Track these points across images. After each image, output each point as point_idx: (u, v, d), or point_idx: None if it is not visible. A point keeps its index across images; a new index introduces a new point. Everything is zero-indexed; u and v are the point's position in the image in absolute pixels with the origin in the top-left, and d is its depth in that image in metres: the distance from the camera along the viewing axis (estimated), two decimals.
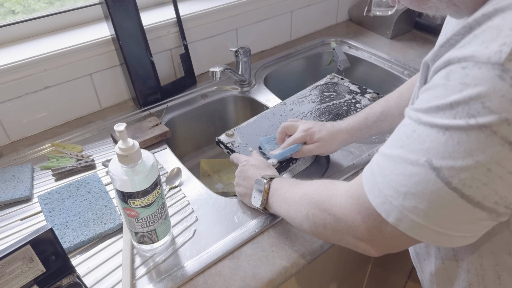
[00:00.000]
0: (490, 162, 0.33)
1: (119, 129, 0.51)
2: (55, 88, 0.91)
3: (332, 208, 0.48)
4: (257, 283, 0.60)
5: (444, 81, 0.35)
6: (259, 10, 1.15)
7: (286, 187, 0.61)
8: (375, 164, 0.43)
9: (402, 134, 0.40)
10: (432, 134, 0.36)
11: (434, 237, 0.39)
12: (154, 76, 0.98)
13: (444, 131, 0.35)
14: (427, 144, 0.36)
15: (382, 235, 0.42)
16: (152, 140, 0.88)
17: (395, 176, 0.39)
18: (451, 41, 0.36)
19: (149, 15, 1.01)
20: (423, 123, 0.37)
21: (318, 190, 0.53)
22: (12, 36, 0.91)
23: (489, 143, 0.33)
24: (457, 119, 0.34)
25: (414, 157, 0.37)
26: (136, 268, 0.62)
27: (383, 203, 0.40)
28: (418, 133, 0.37)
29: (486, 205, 0.35)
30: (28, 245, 0.51)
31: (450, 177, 0.35)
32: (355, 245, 0.47)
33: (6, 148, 0.88)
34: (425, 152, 0.36)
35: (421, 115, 0.37)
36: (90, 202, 0.72)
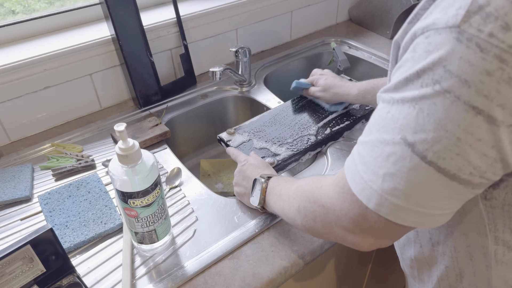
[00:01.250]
0: (458, 130, 0.33)
1: (119, 129, 0.51)
2: (55, 88, 0.91)
3: (321, 198, 0.48)
4: (257, 283, 0.60)
5: (411, 54, 0.36)
6: (259, 10, 1.15)
7: (282, 184, 0.61)
8: (356, 153, 0.42)
9: (377, 119, 0.40)
10: (404, 111, 0.36)
11: (416, 219, 0.39)
12: (154, 76, 0.99)
13: (415, 105, 0.35)
14: (400, 122, 0.36)
15: (367, 224, 0.42)
16: (152, 140, 0.88)
17: (374, 160, 0.39)
18: (417, 16, 0.37)
19: (149, 15, 1.01)
20: (395, 101, 0.37)
21: (309, 183, 0.53)
22: (12, 36, 0.91)
23: (455, 110, 0.33)
24: (424, 87, 0.34)
25: (389, 136, 0.37)
26: (136, 268, 0.62)
27: (364, 189, 0.40)
28: (392, 113, 0.37)
29: (462, 177, 0.35)
30: (28, 245, 0.51)
31: (425, 151, 0.35)
32: (343, 238, 0.47)
33: (6, 148, 0.88)
34: (399, 130, 0.36)
35: (393, 94, 0.38)
36: (90, 202, 0.72)
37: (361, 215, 0.42)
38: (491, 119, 0.32)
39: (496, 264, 0.44)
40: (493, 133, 0.33)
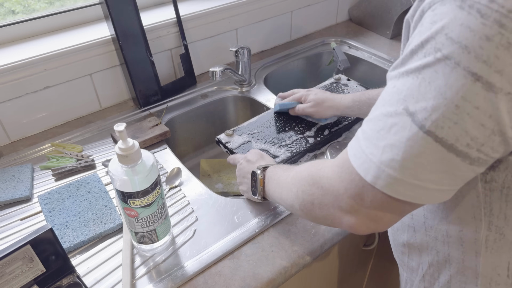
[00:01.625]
0: (457, 97, 0.33)
1: (119, 129, 0.51)
2: (55, 88, 0.91)
3: (320, 180, 0.48)
4: (257, 283, 0.60)
5: (419, 28, 0.37)
6: (259, 10, 1.15)
7: (280, 172, 0.61)
8: (360, 132, 0.43)
9: (383, 95, 0.40)
10: (408, 82, 0.37)
11: (411, 192, 0.38)
12: (154, 76, 0.99)
13: (417, 75, 0.36)
14: (404, 93, 0.37)
15: (364, 203, 0.42)
16: (152, 140, 0.88)
17: (376, 133, 0.39)
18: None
19: (149, 15, 1.01)
20: (401, 75, 0.38)
21: (308, 168, 0.53)
22: (12, 36, 0.91)
23: (454, 76, 0.33)
24: (427, 57, 0.35)
25: (393, 108, 0.38)
26: (136, 268, 0.62)
27: (363, 163, 0.40)
28: (397, 87, 0.38)
29: (459, 149, 0.35)
30: (28, 245, 0.51)
31: (424, 120, 0.35)
32: (340, 220, 0.46)
33: (6, 148, 0.88)
34: (403, 101, 0.37)
35: (399, 69, 0.38)
36: (90, 202, 0.72)
37: (358, 194, 0.42)
38: (489, 86, 0.32)
39: (485, 250, 0.44)
40: (491, 100, 0.33)
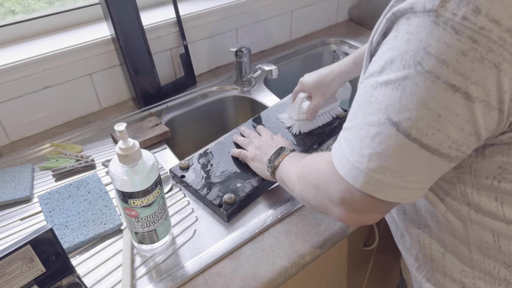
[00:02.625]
0: (439, 107, 0.36)
1: (120, 129, 0.51)
2: (55, 88, 0.91)
3: (316, 172, 0.51)
4: (257, 283, 0.60)
5: (394, 33, 0.38)
6: (259, 10, 1.15)
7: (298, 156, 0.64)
8: (342, 139, 0.45)
9: (360, 103, 0.42)
10: (387, 92, 0.38)
11: (400, 194, 0.41)
12: (154, 76, 0.98)
13: (398, 87, 0.37)
14: (384, 103, 0.38)
15: (353, 198, 0.44)
16: (152, 140, 0.88)
17: (360, 141, 0.41)
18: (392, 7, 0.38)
19: (149, 15, 1.01)
20: (379, 85, 0.39)
21: (312, 157, 0.56)
22: (12, 36, 0.91)
23: (435, 89, 0.35)
24: (406, 69, 0.36)
25: (374, 118, 0.39)
26: (136, 268, 0.62)
27: (350, 171, 0.42)
28: (376, 96, 0.39)
29: (442, 151, 0.38)
30: (28, 245, 0.51)
31: (409, 129, 0.37)
32: (331, 211, 0.49)
33: (6, 148, 0.88)
34: (384, 111, 0.39)
35: (376, 78, 0.40)
36: (90, 202, 0.72)
37: (348, 190, 0.44)
38: (467, 96, 0.35)
39: (471, 223, 0.48)
40: (469, 108, 0.35)
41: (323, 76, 0.82)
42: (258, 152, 0.74)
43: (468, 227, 0.48)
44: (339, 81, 0.82)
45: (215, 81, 1.10)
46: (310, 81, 0.82)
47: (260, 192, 0.74)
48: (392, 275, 1.10)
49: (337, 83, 0.82)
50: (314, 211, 0.71)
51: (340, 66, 0.81)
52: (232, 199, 0.70)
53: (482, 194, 0.45)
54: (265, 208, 0.72)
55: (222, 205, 0.69)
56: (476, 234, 0.48)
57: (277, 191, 0.75)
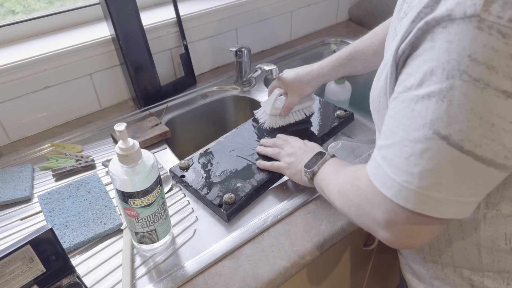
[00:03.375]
0: (491, 116, 0.34)
1: (120, 129, 0.51)
2: (55, 88, 0.91)
3: (357, 190, 0.49)
4: (257, 283, 0.60)
5: (430, 43, 0.36)
6: (259, 10, 1.15)
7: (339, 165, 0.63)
8: (379, 158, 0.43)
9: (399, 119, 0.40)
10: (431, 106, 0.36)
11: (455, 209, 0.39)
12: (154, 76, 0.99)
13: (443, 98, 0.35)
14: (429, 117, 0.36)
15: (399, 218, 0.42)
16: (152, 140, 0.88)
17: (405, 160, 0.39)
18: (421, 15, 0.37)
19: (149, 15, 1.01)
20: (420, 98, 0.37)
21: (353, 171, 0.54)
22: (12, 36, 0.91)
23: (486, 97, 0.33)
24: (450, 79, 0.34)
25: (420, 134, 0.37)
26: (136, 268, 0.62)
27: (399, 191, 0.40)
28: (418, 110, 0.37)
29: (498, 162, 0.36)
30: (28, 245, 0.51)
31: (461, 141, 0.36)
32: (375, 232, 0.47)
33: (6, 148, 0.88)
34: (430, 125, 0.37)
35: (415, 91, 0.38)
36: (90, 202, 0.72)
37: (393, 210, 0.42)
38: None
39: (484, 225, 0.46)
40: None
41: (301, 76, 0.81)
42: (293, 159, 0.72)
43: (480, 229, 0.47)
44: (316, 83, 0.81)
45: (215, 81, 1.10)
46: (288, 78, 0.82)
47: (260, 192, 0.74)
48: (392, 275, 1.10)
49: (314, 85, 0.81)
50: (314, 211, 0.71)
51: (319, 68, 0.80)
52: (232, 199, 0.70)
53: (505, 198, 0.43)
54: (265, 208, 0.72)
55: (222, 205, 0.69)
56: (488, 237, 0.47)
57: (277, 191, 0.75)
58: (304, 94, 0.83)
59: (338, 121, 0.89)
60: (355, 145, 0.85)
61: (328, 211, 0.71)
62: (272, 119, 0.86)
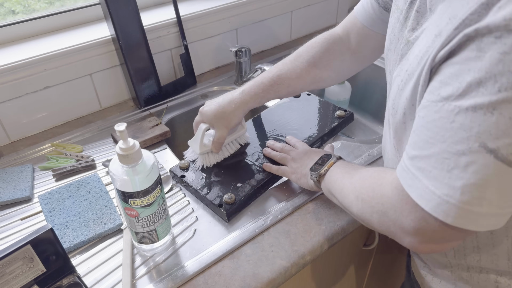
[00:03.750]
0: None
1: (120, 128, 0.51)
2: (55, 88, 0.91)
3: (381, 198, 0.47)
4: (257, 283, 0.60)
5: (476, 53, 0.34)
6: (259, 10, 1.15)
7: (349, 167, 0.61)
8: (415, 169, 0.41)
9: (436, 130, 0.38)
10: (478, 118, 0.35)
11: (494, 221, 0.38)
12: (154, 76, 0.99)
13: (492, 111, 0.34)
14: (475, 129, 0.35)
15: (429, 227, 0.41)
16: (152, 140, 0.88)
17: (447, 172, 0.37)
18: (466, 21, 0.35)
19: (149, 15, 1.01)
20: (463, 110, 0.35)
21: (372, 176, 0.52)
22: (12, 36, 0.91)
23: None
24: (503, 92, 0.33)
25: (464, 146, 0.36)
26: (136, 268, 0.62)
27: (439, 205, 0.39)
28: (460, 122, 0.36)
29: None
30: (28, 245, 0.51)
31: (510, 156, 0.34)
32: (400, 239, 0.46)
33: (6, 148, 0.88)
34: (476, 138, 0.35)
35: (456, 102, 0.36)
36: (90, 202, 0.72)
37: (423, 219, 0.41)
38: None
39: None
40: None
41: (223, 106, 0.74)
42: (298, 164, 0.71)
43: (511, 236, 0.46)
44: (241, 111, 0.75)
45: (215, 81, 1.10)
46: (210, 111, 0.74)
47: (260, 192, 0.74)
48: (392, 275, 1.10)
49: (239, 114, 0.75)
50: (314, 211, 0.71)
51: (241, 95, 0.74)
52: (232, 199, 0.70)
53: None
54: (265, 208, 0.72)
55: (222, 205, 0.69)
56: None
57: (277, 191, 0.75)
58: (231, 125, 0.75)
59: (338, 121, 0.89)
60: (355, 145, 0.85)
61: (328, 211, 0.71)
62: (205, 158, 0.78)
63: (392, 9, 0.55)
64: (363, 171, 0.56)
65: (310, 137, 0.85)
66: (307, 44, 0.76)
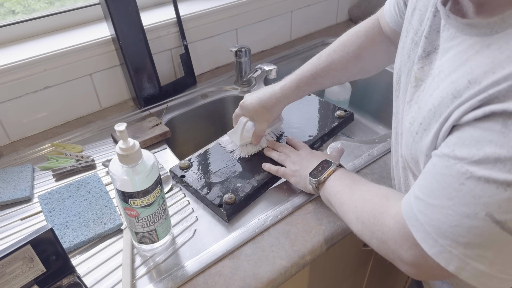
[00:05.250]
0: None
1: (120, 128, 0.51)
2: (55, 88, 0.91)
3: (382, 227, 0.48)
4: (257, 283, 0.60)
5: (501, 128, 0.34)
6: (259, 10, 1.15)
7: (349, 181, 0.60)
8: (418, 211, 0.41)
9: (442, 185, 0.38)
10: (489, 190, 0.34)
11: (498, 284, 0.38)
12: (154, 76, 0.99)
13: (506, 187, 0.33)
14: (484, 199, 0.35)
15: (427, 265, 0.41)
16: (152, 140, 0.88)
17: (450, 228, 0.38)
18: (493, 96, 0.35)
19: (149, 15, 1.01)
20: (475, 177, 0.35)
21: (373, 201, 0.52)
22: (12, 36, 0.91)
23: None
24: None
25: (469, 210, 0.36)
26: (136, 268, 0.62)
27: (441, 252, 0.39)
28: (470, 187, 0.36)
29: None
30: (28, 245, 0.51)
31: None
32: (398, 265, 0.46)
33: (6, 148, 0.88)
34: (483, 207, 0.35)
35: (469, 167, 0.36)
36: (90, 202, 0.72)
37: (422, 257, 0.41)
38: None
39: None
40: None
41: (265, 101, 0.75)
42: (298, 167, 0.71)
43: None
44: (282, 105, 0.76)
45: (215, 81, 1.10)
46: (252, 106, 0.75)
47: (260, 192, 0.74)
48: (392, 275, 1.10)
49: (280, 108, 0.76)
50: (314, 211, 0.71)
51: (282, 90, 0.74)
52: (232, 199, 0.70)
53: None
54: (265, 208, 0.72)
55: (222, 205, 0.69)
56: None
57: (277, 191, 0.75)
58: (271, 120, 0.77)
59: (338, 121, 0.89)
60: (355, 145, 0.85)
61: (328, 211, 0.71)
62: (243, 149, 0.81)
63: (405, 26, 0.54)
64: (364, 188, 0.56)
65: (310, 137, 0.85)
66: (351, 32, 0.73)
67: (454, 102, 0.38)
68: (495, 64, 0.35)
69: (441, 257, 0.39)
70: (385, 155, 0.83)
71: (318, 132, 0.86)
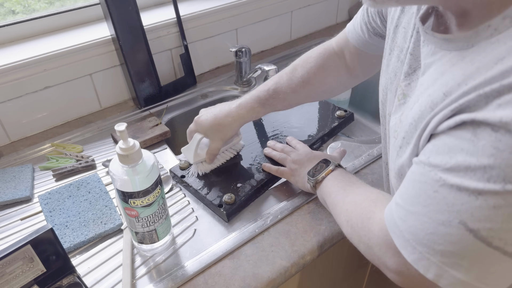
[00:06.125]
0: None
1: (120, 128, 0.51)
2: (55, 88, 0.91)
3: (368, 233, 0.48)
4: (257, 283, 0.60)
5: (471, 136, 0.34)
6: (259, 10, 1.15)
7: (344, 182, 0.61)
8: (397, 218, 0.42)
9: (418, 192, 0.39)
10: (461, 198, 0.35)
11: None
12: (154, 76, 0.99)
13: (477, 195, 0.34)
14: (457, 207, 0.35)
15: (410, 273, 0.41)
16: (152, 140, 0.88)
17: (426, 235, 0.38)
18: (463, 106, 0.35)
19: (149, 15, 1.01)
20: (448, 185, 0.36)
21: (362, 205, 0.52)
22: (12, 36, 0.91)
23: None
24: (491, 183, 0.33)
25: (444, 217, 0.36)
26: (137, 268, 0.62)
27: (420, 259, 0.39)
28: (443, 195, 0.36)
29: None
30: (28, 245, 0.51)
31: (490, 238, 0.34)
32: (384, 271, 0.47)
33: (6, 148, 0.88)
34: (457, 215, 0.35)
35: (442, 174, 0.36)
36: (90, 202, 0.72)
37: (405, 265, 0.41)
38: None
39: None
40: None
41: (220, 119, 0.72)
42: (297, 166, 0.71)
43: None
44: (237, 124, 0.73)
45: (215, 81, 1.10)
46: (207, 123, 0.73)
47: (260, 192, 0.74)
48: None
49: (235, 127, 0.73)
50: (314, 211, 0.71)
51: (238, 109, 0.73)
52: (232, 199, 0.70)
53: None
54: (265, 208, 0.72)
55: (222, 205, 0.69)
56: None
57: (277, 191, 0.75)
58: (226, 138, 0.74)
59: (338, 121, 0.89)
60: (355, 145, 0.85)
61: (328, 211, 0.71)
62: (198, 167, 0.77)
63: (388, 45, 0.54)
64: (357, 191, 0.56)
65: (310, 137, 0.85)
66: (303, 57, 0.74)
67: (431, 113, 0.39)
68: (466, 76, 0.35)
69: (420, 264, 0.39)
70: None
71: (318, 132, 0.86)
